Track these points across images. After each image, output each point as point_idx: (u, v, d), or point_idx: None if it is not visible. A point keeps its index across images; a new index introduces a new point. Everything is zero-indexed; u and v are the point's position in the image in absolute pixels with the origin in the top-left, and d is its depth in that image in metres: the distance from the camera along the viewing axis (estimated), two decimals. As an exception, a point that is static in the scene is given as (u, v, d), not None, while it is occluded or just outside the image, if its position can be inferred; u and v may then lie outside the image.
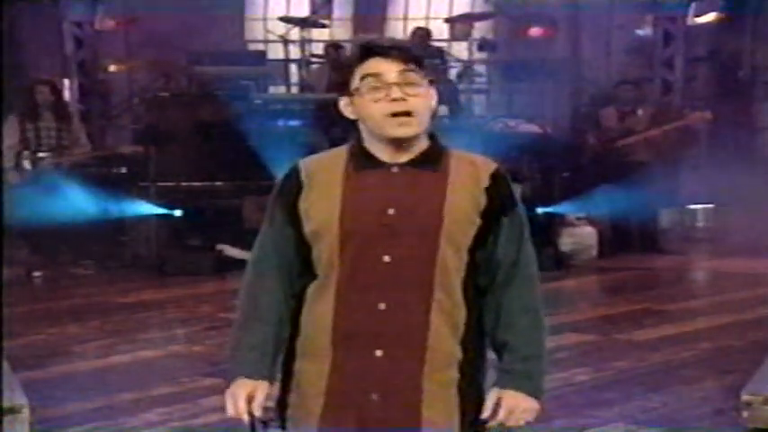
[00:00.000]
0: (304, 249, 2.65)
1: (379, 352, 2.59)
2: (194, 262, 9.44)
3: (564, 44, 12.77)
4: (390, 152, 2.62)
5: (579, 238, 9.99)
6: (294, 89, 12.37)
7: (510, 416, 2.63)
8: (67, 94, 11.65)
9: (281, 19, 12.08)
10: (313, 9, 13.00)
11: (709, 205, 11.60)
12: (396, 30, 13.80)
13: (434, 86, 2.64)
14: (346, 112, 2.65)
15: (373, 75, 2.57)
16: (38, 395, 5.08)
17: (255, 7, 13.93)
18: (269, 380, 2.66)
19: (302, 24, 11.63)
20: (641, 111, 10.51)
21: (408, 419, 2.59)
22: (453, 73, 11.85)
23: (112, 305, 8.12)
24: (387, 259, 2.57)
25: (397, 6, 14.26)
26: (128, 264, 9.79)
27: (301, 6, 13.28)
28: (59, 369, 6.25)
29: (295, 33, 11.59)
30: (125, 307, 8.04)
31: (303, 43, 11.52)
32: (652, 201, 10.10)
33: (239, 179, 10.05)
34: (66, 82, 11.87)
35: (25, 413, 4.49)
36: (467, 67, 11.87)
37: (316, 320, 2.64)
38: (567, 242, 9.94)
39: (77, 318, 7.63)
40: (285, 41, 11.65)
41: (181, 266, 9.37)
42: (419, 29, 11.99)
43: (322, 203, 2.61)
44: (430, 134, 2.65)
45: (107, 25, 12.21)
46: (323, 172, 2.65)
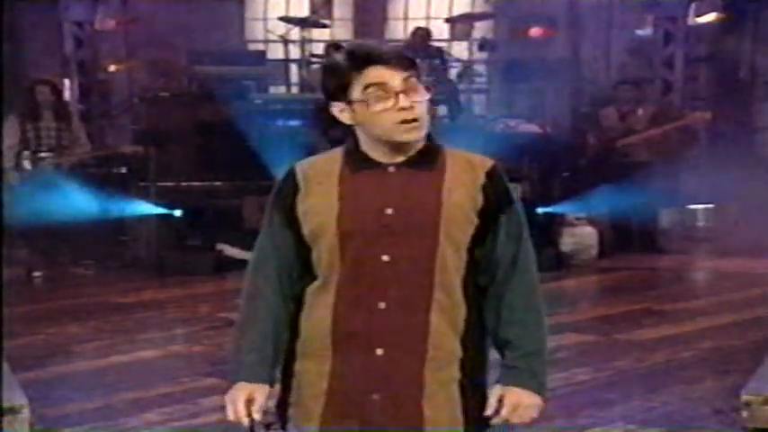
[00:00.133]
0: (303, 251, 2.65)
1: (379, 351, 2.59)
2: (194, 262, 9.43)
3: (564, 44, 12.76)
4: (388, 154, 2.61)
5: (579, 238, 9.97)
6: (294, 89, 12.38)
7: (514, 413, 2.63)
8: (68, 94, 11.65)
9: (282, 19, 12.08)
10: (313, 9, 13.02)
11: (709, 205, 11.59)
12: (396, 30, 13.81)
13: (426, 85, 2.62)
14: (342, 118, 2.62)
15: (378, 84, 2.56)
16: (38, 395, 5.09)
17: (255, 7, 13.93)
18: (268, 383, 2.66)
19: (302, 24, 11.64)
20: (641, 111, 10.51)
21: (410, 418, 2.59)
22: (453, 73, 11.85)
23: (112, 305, 8.12)
24: (386, 259, 2.57)
25: (398, 6, 14.25)
26: (128, 264, 9.78)
27: (301, 6, 13.29)
28: (59, 369, 6.25)
29: (295, 33, 11.59)
30: (125, 307, 8.04)
31: (303, 43, 11.52)
32: (652, 201, 10.09)
33: (239, 179, 10.05)
34: (66, 82, 11.87)
35: (25, 413, 4.50)
36: (467, 67, 11.87)
37: (316, 321, 2.64)
38: (568, 242, 9.93)
39: (77, 318, 7.62)
40: (285, 41, 11.66)
41: (181, 266, 9.37)
42: (419, 29, 12.00)
43: (320, 205, 2.61)
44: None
45: (107, 25, 12.22)
46: (319, 174, 2.65)
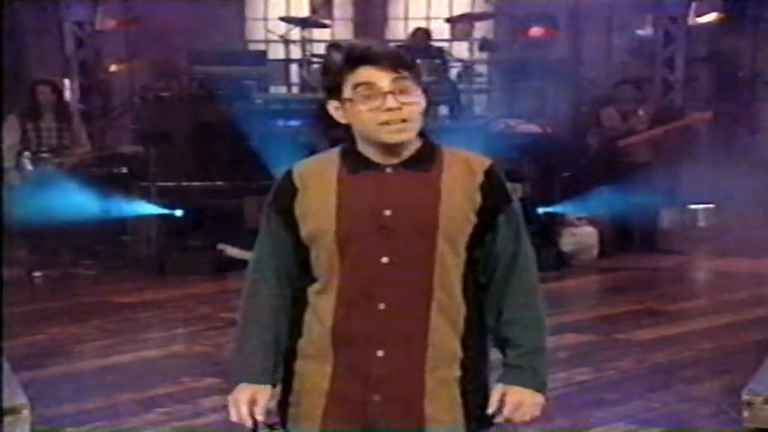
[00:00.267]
0: (302, 253, 2.65)
1: (380, 352, 2.59)
2: (195, 262, 9.43)
3: (564, 44, 12.75)
4: (383, 154, 2.61)
5: (580, 238, 9.96)
6: (294, 89, 12.37)
7: (515, 411, 2.64)
8: (68, 94, 11.63)
9: (282, 19, 12.07)
10: (313, 9, 13.01)
11: (709, 205, 11.59)
12: (396, 30, 13.80)
13: (423, 86, 2.61)
14: (336, 116, 2.63)
15: (366, 84, 2.55)
16: (38, 395, 5.08)
17: (256, 7, 13.93)
18: (270, 384, 2.67)
19: (303, 24, 11.63)
20: (642, 111, 10.50)
21: (411, 418, 2.60)
22: (454, 73, 11.84)
23: (113, 305, 8.11)
24: (385, 260, 2.57)
25: (398, 6, 14.25)
26: (128, 264, 9.78)
27: (301, 6, 13.29)
28: (59, 369, 6.25)
29: (296, 33, 11.59)
30: (125, 307, 8.04)
31: (304, 43, 11.51)
32: (652, 201, 10.08)
33: (239, 179, 10.04)
34: (66, 82, 11.86)
35: (25, 413, 4.50)
36: (467, 67, 11.85)
37: (316, 322, 2.64)
38: (568, 242, 9.92)
39: (78, 318, 7.62)
40: (286, 41, 11.65)
41: (181, 266, 9.36)
42: (419, 29, 11.99)
43: (317, 207, 2.61)
44: (421, 133, 2.64)
45: (108, 25, 12.20)
46: (317, 175, 2.65)
